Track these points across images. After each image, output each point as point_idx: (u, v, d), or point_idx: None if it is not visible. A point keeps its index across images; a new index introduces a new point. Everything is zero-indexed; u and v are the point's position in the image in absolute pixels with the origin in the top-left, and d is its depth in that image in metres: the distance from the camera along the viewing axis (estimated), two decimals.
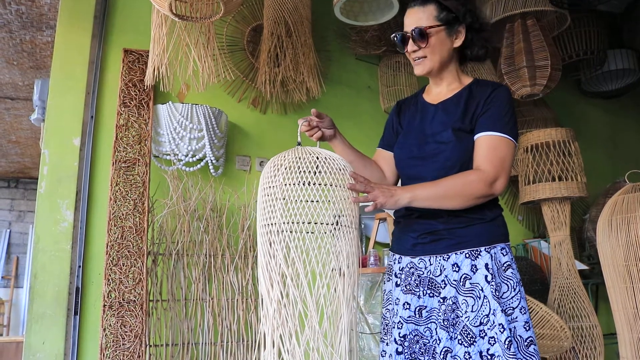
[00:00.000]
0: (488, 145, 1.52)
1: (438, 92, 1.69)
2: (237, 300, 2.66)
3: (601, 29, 3.87)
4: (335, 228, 1.32)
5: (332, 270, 1.31)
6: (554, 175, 3.12)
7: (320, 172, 1.32)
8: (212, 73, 2.51)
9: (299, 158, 1.35)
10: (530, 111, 3.84)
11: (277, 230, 1.31)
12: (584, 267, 3.39)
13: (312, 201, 1.29)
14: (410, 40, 1.60)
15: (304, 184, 1.30)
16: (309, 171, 1.32)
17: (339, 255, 1.32)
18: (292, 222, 1.29)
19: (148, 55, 2.63)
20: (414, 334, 1.54)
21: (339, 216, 1.32)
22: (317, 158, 1.35)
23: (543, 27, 3.12)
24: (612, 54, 4.12)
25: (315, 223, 1.29)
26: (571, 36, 3.86)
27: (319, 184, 1.31)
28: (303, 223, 1.29)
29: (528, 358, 1.42)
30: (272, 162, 1.39)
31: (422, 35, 1.58)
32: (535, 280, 3.27)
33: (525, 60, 3.05)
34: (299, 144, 1.45)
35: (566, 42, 3.88)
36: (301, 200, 1.29)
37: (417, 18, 1.60)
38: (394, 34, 1.66)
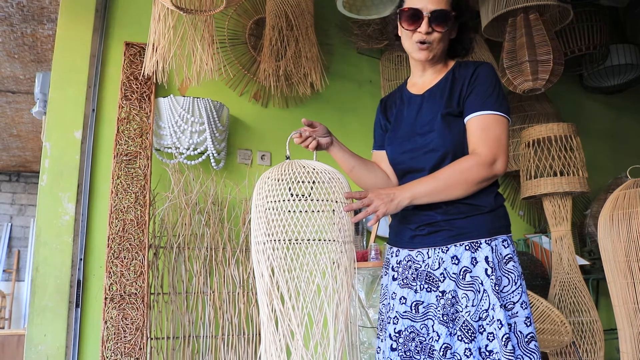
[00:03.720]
0: (480, 126, 1.47)
1: (423, 81, 1.65)
2: (238, 293, 2.66)
3: (604, 23, 3.86)
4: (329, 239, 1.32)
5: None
6: (555, 170, 3.12)
7: (306, 185, 1.32)
8: (212, 67, 2.50)
9: (287, 173, 1.34)
10: (532, 106, 3.83)
11: (262, 249, 1.31)
12: (584, 262, 3.39)
13: (298, 211, 1.29)
14: (426, 20, 1.50)
15: (289, 200, 1.30)
16: (294, 183, 1.32)
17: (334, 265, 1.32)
18: (275, 240, 1.29)
19: None
20: (409, 330, 1.49)
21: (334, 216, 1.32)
22: (304, 171, 1.34)
23: (545, 22, 3.11)
24: (615, 49, 4.10)
25: (302, 240, 1.29)
26: (574, 31, 3.85)
27: (304, 198, 1.31)
28: (290, 241, 1.29)
29: (528, 354, 1.38)
30: (261, 178, 1.39)
31: (445, 18, 1.51)
32: (536, 275, 3.27)
33: (528, 55, 3.04)
34: (288, 157, 1.44)
35: (568, 37, 3.87)
36: (286, 216, 1.29)
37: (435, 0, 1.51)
38: (403, 8, 1.54)
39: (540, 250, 3.58)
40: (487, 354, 1.35)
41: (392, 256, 1.64)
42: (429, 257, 1.51)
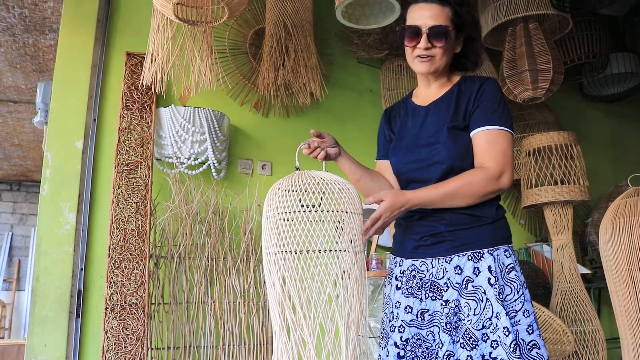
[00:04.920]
0: (487, 140, 1.51)
1: (427, 93, 1.68)
2: (239, 303, 2.65)
3: (603, 32, 3.87)
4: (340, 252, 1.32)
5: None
6: (556, 179, 3.11)
7: (317, 197, 1.32)
8: (210, 78, 2.51)
9: (297, 184, 1.35)
10: (532, 115, 3.84)
11: (274, 260, 1.31)
12: (586, 271, 3.39)
13: (308, 222, 1.29)
14: (425, 37, 1.55)
15: (300, 211, 1.30)
16: (304, 192, 1.32)
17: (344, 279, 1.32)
18: (288, 251, 1.29)
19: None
20: (416, 337, 1.52)
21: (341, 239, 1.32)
22: (314, 182, 1.34)
23: (545, 31, 3.12)
24: (615, 58, 4.11)
25: (314, 251, 1.29)
26: (573, 40, 3.86)
27: (315, 210, 1.31)
28: (301, 252, 1.29)
29: None
30: (271, 189, 1.39)
31: (443, 34, 1.55)
32: (537, 284, 3.26)
33: (527, 64, 3.05)
34: (297, 168, 1.44)
35: (568, 46, 3.88)
36: (296, 227, 1.29)
37: (434, 15, 1.56)
38: (403, 27, 1.60)
39: (541, 259, 3.57)
40: None
41: (395, 266, 1.66)
42: (432, 267, 1.54)
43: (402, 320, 1.55)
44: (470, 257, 1.48)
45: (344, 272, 1.32)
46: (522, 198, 3.29)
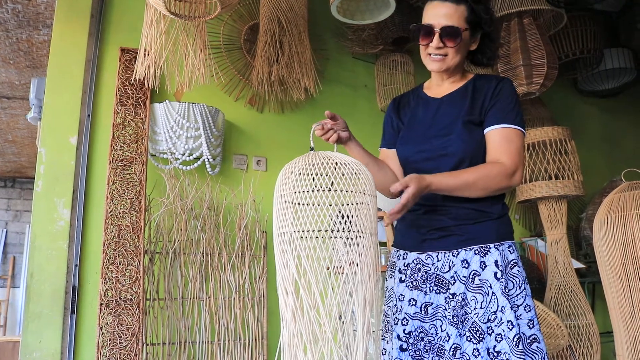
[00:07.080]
0: (502, 137, 1.54)
1: (441, 86, 1.69)
2: (234, 298, 2.66)
3: (597, 28, 3.88)
4: (346, 233, 1.30)
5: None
6: (550, 173, 3.13)
7: (335, 177, 1.31)
8: (203, 73, 2.50)
9: (312, 163, 1.33)
10: (526, 110, 3.85)
11: (288, 240, 1.29)
12: (580, 265, 3.40)
13: (321, 204, 1.28)
14: (437, 36, 1.57)
15: (317, 190, 1.29)
16: (320, 175, 1.31)
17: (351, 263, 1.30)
18: (304, 230, 1.28)
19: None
20: (419, 330, 1.54)
21: (345, 216, 1.30)
22: (330, 162, 1.33)
23: (539, 26, 3.13)
24: (609, 53, 4.13)
25: (328, 230, 1.28)
26: (567, 35, 3.87)
27: (334, 190, 1.29)
28: (319, 231, 1.27)
29: (530, 355, 1.42)
30: (285, 168, 1.38)
31: (455, 35, 1.56)
32: (532, 279, 3.28)
33: (522, 59, 3.06)
34: (312, 149, 1.44)
35: (562, 41, 3.89)
36: (314, 206, 1.28)
37: (447, 14, 1.57)
38: (416, 25, 1.61)
39: (536, 253, 3.59)
40: (495, 354, 1.40)
41: (398, 259, 1.67)
42: (438, 260, 1.56)
43: (405, 313, 1.57)
44: (477, 252, 1.51)
45: (360, 254, 1.31)
46: (516, 193, 3.30)
